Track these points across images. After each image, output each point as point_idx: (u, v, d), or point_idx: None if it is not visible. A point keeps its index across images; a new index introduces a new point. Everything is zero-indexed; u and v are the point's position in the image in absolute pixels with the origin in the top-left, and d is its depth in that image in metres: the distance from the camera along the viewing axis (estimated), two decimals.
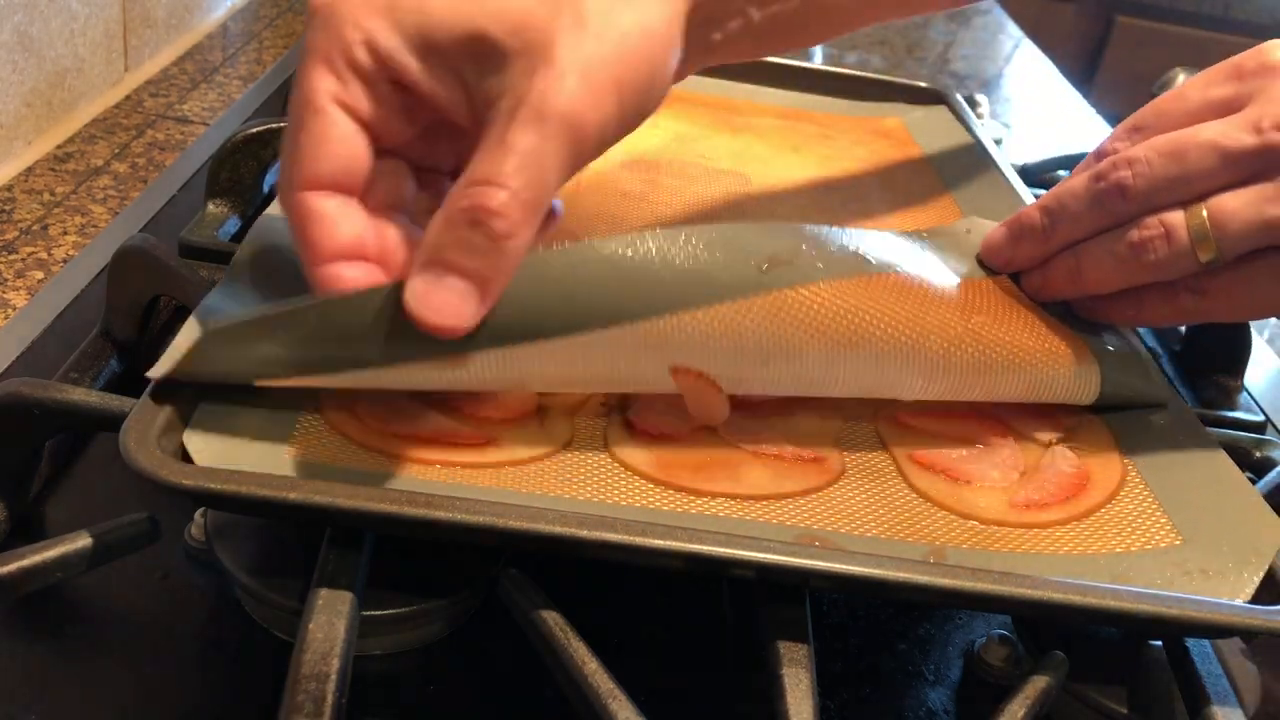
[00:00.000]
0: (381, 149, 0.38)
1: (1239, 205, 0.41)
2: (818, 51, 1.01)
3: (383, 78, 0.37)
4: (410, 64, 0.36)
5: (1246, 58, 0.44)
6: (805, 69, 0.74)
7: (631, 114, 0.37)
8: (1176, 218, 0.42)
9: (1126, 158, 0.43)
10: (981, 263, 0.47)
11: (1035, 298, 0.46)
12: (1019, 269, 0.46)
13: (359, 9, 0.36)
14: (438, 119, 0.39)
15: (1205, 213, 0.41)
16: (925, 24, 1.15)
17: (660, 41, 0.38)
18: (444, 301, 0.35)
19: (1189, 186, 0.42)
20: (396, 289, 0.35)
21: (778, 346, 0.40)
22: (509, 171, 0.34)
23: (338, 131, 0.36)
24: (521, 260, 0.35)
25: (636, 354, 0.39)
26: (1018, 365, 0.43)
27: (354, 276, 0.36)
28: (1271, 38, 0.44)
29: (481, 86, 0.36)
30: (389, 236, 0.38)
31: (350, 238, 0.37)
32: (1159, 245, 0.42)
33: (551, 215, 0.38)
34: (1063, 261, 0.45)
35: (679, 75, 0.41)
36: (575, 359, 0.38)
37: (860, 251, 0.43)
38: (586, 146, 0.36)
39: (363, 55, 0.36)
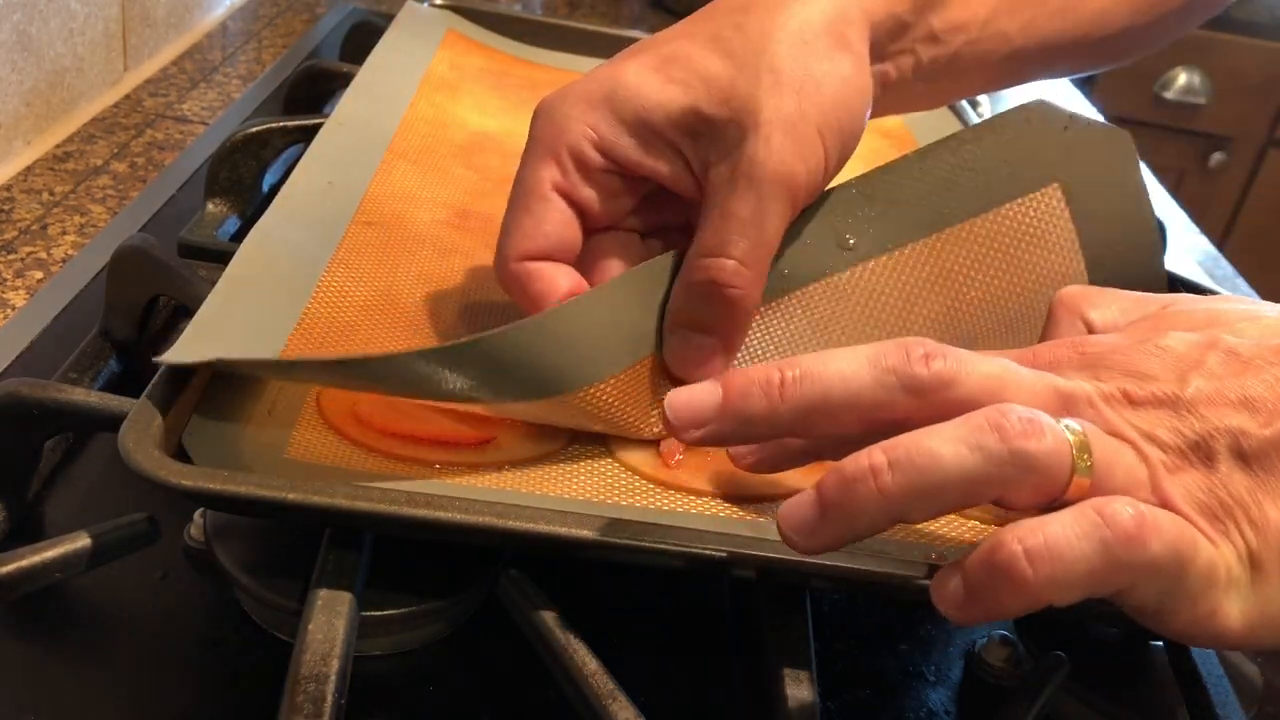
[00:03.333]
0: (606, 226, 0.42)
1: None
2: None
3: (603, 168, 0.40)
4: (631, 147, 0.40)
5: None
6: None
7: (835, 157, 0.40)
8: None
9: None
10: (1026, 170, 0.42)
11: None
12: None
13: (580, 106, 0.40)
14: (658, 189, 0.42)
15: None
16: None
17: (854, 85, 0.40)
18: (695, 358, 0.39)
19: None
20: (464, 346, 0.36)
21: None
22: (734, 240, 0.38)
23: (555, 216, 0.40)
24: (754, 311, 0.40)
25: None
26: (1004, 328, 0.43)
27: None
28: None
29: (699, 156, 0.40)
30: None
31: (570, 286, 0.40)
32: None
33: None
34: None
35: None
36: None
37: (829, 244, 0.42)
38: (800, 196, 0.39)
39: (588, 150, 0.40)
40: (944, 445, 0.29)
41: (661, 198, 0.43)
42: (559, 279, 0.40)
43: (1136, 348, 0.33)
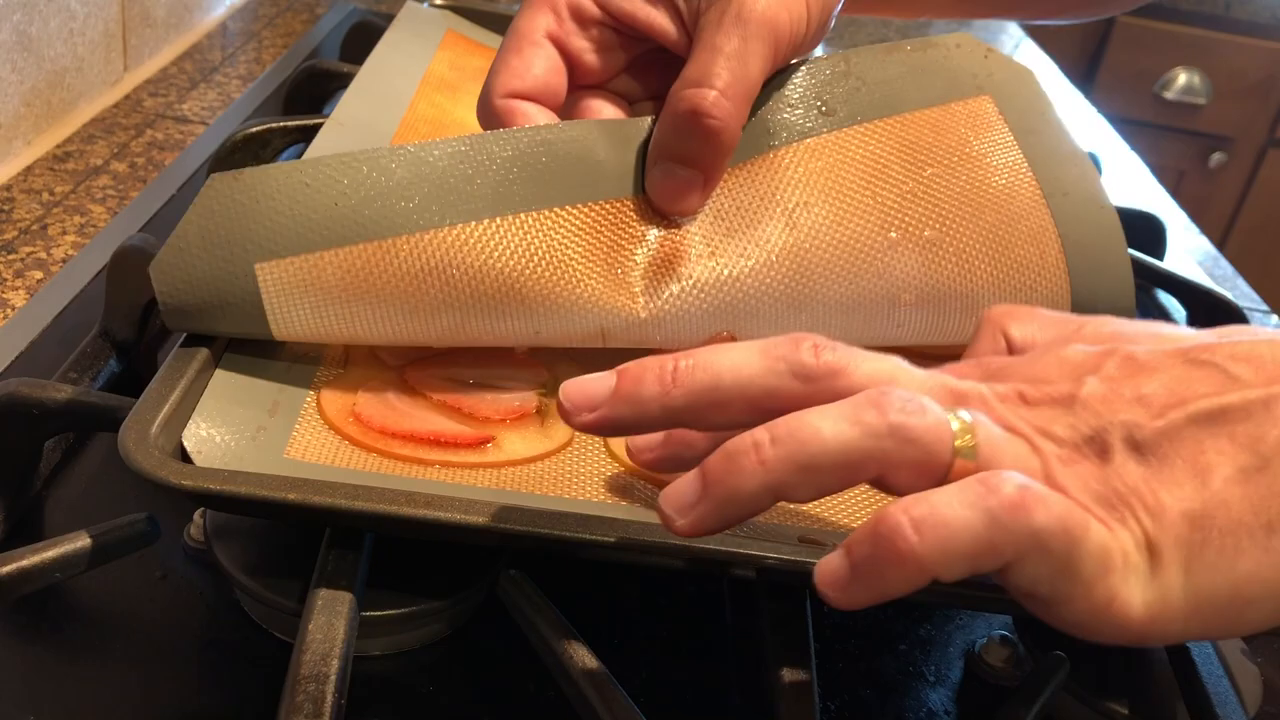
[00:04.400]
0: (595, 84, 0.45)
1: None
2: (819, 51, 1.00)
3: (599, 20, 0.43)
4: None
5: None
6: None
7: (818, 16, 0.43)
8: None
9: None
10: (962, 80, 0.47)
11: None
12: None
13: None
14: (647, 51, 0.45)
15: None
16: (928, 23, 1.15)
17: None
18: (676, 190, 0.41)
19: None
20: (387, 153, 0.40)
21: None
22: (718, 72, 0.40)
23: (544, 61, 0.43)
24: (733, 145, 0.41)
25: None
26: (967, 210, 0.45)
27: None
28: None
29: (691, 7, 0.43)
30: None
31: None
32: None
33: None
34: None
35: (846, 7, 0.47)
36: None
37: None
38: (783, 44, 0.42)
39: (586, 1, 0.43)
40: (824, 420, 0.29)
41: (653, 62, 0.45)
42: (539, 120, 0.42)
43: (1036, 359, 0.33)
